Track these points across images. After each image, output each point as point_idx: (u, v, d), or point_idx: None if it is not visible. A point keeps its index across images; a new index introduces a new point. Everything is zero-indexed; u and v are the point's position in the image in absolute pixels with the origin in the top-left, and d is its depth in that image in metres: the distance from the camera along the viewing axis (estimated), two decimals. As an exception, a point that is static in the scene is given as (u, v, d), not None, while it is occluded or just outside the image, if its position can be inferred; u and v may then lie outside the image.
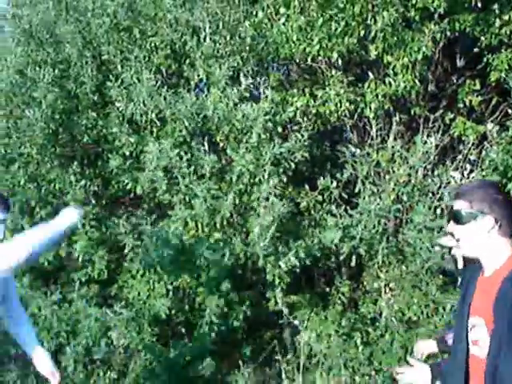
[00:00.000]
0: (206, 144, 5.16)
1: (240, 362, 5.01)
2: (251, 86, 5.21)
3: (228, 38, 5.47)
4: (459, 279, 2.91)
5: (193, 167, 4.92)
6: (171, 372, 4.81)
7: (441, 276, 4.51)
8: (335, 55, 5.03)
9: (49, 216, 5.24)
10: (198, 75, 5.32)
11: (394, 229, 5.16)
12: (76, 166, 5.28)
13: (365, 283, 5.23)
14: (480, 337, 2.12)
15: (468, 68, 5.89)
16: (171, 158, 4.94)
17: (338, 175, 4.89)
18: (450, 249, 3.05)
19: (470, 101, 5.44)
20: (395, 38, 4.97)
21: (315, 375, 5.13)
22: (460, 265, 3.00)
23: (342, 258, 4.76)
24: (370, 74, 5.19)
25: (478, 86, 5.46)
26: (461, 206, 2.16)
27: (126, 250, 4.99)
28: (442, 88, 5.87)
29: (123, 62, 5.65)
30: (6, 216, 3.01)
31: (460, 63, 5.92)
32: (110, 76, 5.47)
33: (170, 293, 4.93)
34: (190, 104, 5.08)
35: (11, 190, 5.31)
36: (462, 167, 4.93)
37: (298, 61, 5.82)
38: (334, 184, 4.84)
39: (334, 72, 5.24)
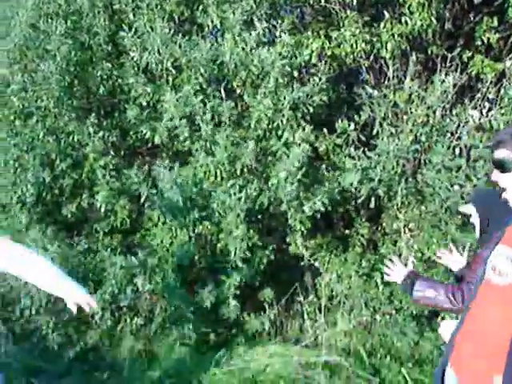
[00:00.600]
0: (222, 91, 5.13)
1: (264, 305, 5.13)
2: (266, 30, 5.14)
3: (240, -19, 5.36)
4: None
5: (210, 114, 4.91)
6: (196, 315, 4.93)
7: (459, 216, 4.52)
8: (349, -6, 4.94)
9: (69, 168, 5.32)
10: (212, 21, 5.25)
11: (413, 170, 5.17)
12: (93, 118, 5.28)
13: (384, 225, 5.26)
14: (502, 266, 2.17)
15: (485, 4, 5.77)
16: (194, 105, 4.92)
17: (356, 117, 4.88)
18: (470, 216, 3.06)
19: (488, 38, 5.35)
20: (411, -25, 4.88)
21: (336, 315, 5.25)
22: (477, 234, 3.02)
23: (360, 200, 4.79)
24: (386, 13, 5.10)
25: (495, 23, 5.36)
26: (503, 154, 2.17)
27: (141, 199, 5.02)
28: (459, 26, 5.77)
29: (135, 10, 5.58)
30: None
31: (477, 0, 5.80)
32: (123, 25, 5.41)
33: (192, 239, 4.98)
34: (205, 51, 5.03)
35: (31, 144, 5.35)
36: (480, 106, 4.89)
37: (311, 2, 5.73)
38: (352, 126, 4.83)
39: (348, 12, 5.16)
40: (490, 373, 2.13)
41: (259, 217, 5.04)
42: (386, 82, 5.18)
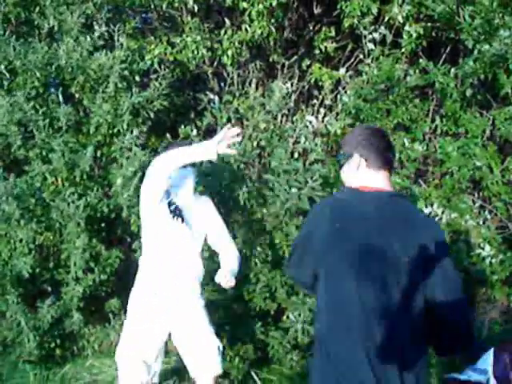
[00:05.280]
0: (60, 96, 4.95)
1: (110, 316, 5.00)
2: (106, 34, 5.04)
3: (80, -17, 5.23)
4: None
5: (48, 120, 4.72)
6: (39, 331, 4.71)
7: (299, 217, 4.68)
8: (191, 1, 4.98)
9: None
10: (49, 23, 5.07)
11: (258, 174, 5.30)
12: None
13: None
14: None
15: (324, 15, 6.06)
16: (26, 112, 4.72)
17: (199, 123, 4.91)
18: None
19: (326, 47, 5.63)
20: (250, -16, 5.01)
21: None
22: None
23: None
24: (227, 20, 5.20)
25: (333, 33, 5.66)
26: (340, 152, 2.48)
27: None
28: (300, 35, 6.01)
29: (-33, 11, 5.27)
30: None
31: (316, 10, 6.08)
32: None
33: (33, 251, 4.76)
34: (41, 54, 4.83)
35: None
36: (317, 112, 5.11)
37: (156, 8, 5.71)
38: (195, 132, 4.86)
39: (190, 19, 5.19)
40: None
41: (102, 225, 4.91)
42: (229, 89, 5.27)
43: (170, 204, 3.43)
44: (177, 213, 3.43)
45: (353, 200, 2.36)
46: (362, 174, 2.37)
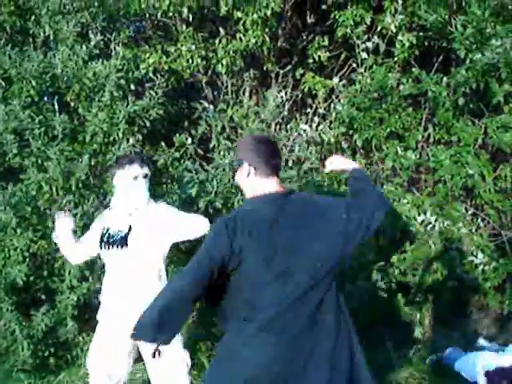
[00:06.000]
0: (56, 104, 4.96)
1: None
2: (101, 43, 5.06)
3: (75, -8, 5.26)
4: None
5: (43, 128, 4.73)
6: (33, 339, 4.71)
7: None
8: (185, 10, 5.02)
9: None
10: (44, 32, 5.09)
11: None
12: None
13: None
14: None
15: (317, 24, 6.11)
16: (22, 120, 4.72)
17: (194, 132, 4.94)
18: None
19: (319, 56, 5.68)
20: (244, -6, 5.05)
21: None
22: None
23: (199, 212, 4.83)
24: (222, 30, 5.24)
25: (326, 42, 5.72)
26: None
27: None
28: (293, 44, 6.06)
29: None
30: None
31: (310, 20, 6.13)
32: None
33: (27, 259, 4.76)
34: (37, 63, 4.84)
35: None
36: (311, 120, 5.15)
37: (151, 17, 5.75)
38: (190, 140, 4.88)
39: (185, 28, 5.23)
40: None
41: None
42: (224, 97, 5.31)
43: (102, 237, 3.49)
44: (110, 241, 3.46)
45: (258, 207, 2.45)
46: (253, 182, 2.50)
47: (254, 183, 2.50)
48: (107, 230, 3.49)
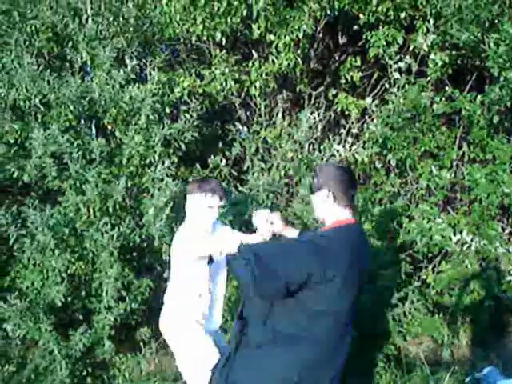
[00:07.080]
0: (93, 128, 5.08)
1: (141, 344, 5.04)
2: (137, 67, 5.17)
3: (111, 19, 5.39)
4: None
5: (81, 152, 4.83)
6: (71, 359, 4.76)
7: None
8: (219, 34, 5.10)
9: None
10: (82, 58, 5.22)
11: (286, 203, 5.35)
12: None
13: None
14: None
15: (349, 45, 6.14)
16: (60, 144, 4.84)
17: (228, 153, 5.00)
18: None
19: (352, 77, 5.70)
20: (277, 17, 5.12)
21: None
22: None
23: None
24: (255, 52, 5.31)
25: (358, 63, 5.73)
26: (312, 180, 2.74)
27: (11, 241, 4.82)
28: (326, 65, 6.10)
29: (3, 46, 5.44)
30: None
31: (342, 40, 6.17)
32: (-11, 61, 5.25)
33: (65, 280, 4.84)
34: (74, 87, 4.97)
35: None
36: (344, 141, 5.16)
37: (185, 41, 5.85)
38: (224, 162, 4.94)
39: (218, 51, 5.31)
40: None
41: (134, 254, 4.98)
42: (257, 119, 5.36)
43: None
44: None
45: (350, 233, 2.64)
46: (331, 208, 2.63)
47: (332, 210, 2.63)
48: None
